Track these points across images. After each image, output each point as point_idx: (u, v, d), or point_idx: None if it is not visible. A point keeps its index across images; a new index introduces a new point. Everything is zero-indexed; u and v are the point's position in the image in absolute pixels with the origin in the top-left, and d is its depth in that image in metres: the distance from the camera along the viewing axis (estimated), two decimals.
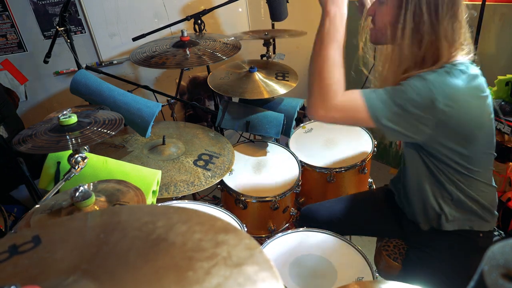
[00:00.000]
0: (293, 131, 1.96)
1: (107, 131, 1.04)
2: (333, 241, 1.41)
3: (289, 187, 1.66)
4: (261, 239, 1.68)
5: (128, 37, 2.11)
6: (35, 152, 0.97)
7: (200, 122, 2.77)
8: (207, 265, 0.47)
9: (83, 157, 1.05)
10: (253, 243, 0.51)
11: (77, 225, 0.60)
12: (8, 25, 2.12)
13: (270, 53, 2.25)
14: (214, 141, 1.76)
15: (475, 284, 0.46)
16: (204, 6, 2.11)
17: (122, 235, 0.55)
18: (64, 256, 0.53)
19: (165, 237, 0.52)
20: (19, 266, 0.53)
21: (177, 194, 1.44)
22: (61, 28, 1.81)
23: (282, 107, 1.92)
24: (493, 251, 0.46)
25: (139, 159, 1.57)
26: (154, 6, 2.36)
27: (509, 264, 0.44)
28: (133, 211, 0.62)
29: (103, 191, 0.99)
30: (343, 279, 1.27)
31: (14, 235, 0.59)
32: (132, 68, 2.49)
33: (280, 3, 1.95)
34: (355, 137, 1.96)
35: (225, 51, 1.85)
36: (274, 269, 0.47)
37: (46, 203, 0.95)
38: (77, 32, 2.25)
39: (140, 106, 1.55)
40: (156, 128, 1.79)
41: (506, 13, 2.10)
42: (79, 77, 1.59)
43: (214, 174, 1.56)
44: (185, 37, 1.87)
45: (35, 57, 2.23)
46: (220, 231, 0.53)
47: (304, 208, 1.66)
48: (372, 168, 1.93)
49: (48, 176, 1.23)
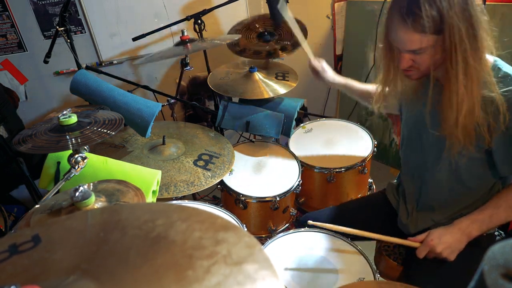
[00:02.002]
0: (293, 131, 1.96)
1: (107, 131, 1.04)
2: (334, 241, 1.41)
3: (289, 187, 1.66)
4: (261, 239, 1.68)
5: (128, 37, 2.10)
6: (35, 152, 0.97)
7: (200, 122, 2.77)
8: (207, 263, 0.47)
9: (83, 157, 1.05)
10: (253, 241, 0.51)
11: (77, 224, 0.60)
12: (8, 25, 2.12)
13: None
14: (214, 141, 1.76)
15: (475, 284, 0.46)
16: (204, 6, 2.11)
17: (122, 233, 0.55)
18: (64, 256, 0.53)
19: (165, 235, 0.52)
20: (19, 265, 0.53)
21: (177, 194, 1.44)
22: (61, 28, 1.81)
23: (282, 107, 1.92)
24: (493, 251, 0.46)
25: (139, 159, 1.57)
26: (154, 6, 2.35)
27: (509, 264, 0.44)
28: (132, 209, 0.62)
29: (103, 191, 0.99)
30: (344, 279, 1.27)
31: (14, 235, 0.59)
32: (132, 68, 2.49)
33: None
34: (355, 137, 1.96)
35: None
36: (274, 267, 0.47)
37: (46, 203, 0.95)
38: (77, 32, 2.25)
39: (140, 106, 1.55)
40: (156, 128, 1.79)
41: (506, 13, 2.09)
42: (79, 77, 1.59)
43: (214, 174, 1.56)
44: (185, 36, 1.87)
45: (35, 57, 2.23)
46: (220, 229, 0.53)
47: (303, 217, 1.66)
48: (372, 168, 1.93)
49: (48, 176, 1.23)
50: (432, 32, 1.04)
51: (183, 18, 2.09)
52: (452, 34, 1.02)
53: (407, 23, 1.05)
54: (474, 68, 1.06)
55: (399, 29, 1.08)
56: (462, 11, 1.01)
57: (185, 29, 1.89)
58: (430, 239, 1.24)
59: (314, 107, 2.99)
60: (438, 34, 1.04)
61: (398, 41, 1.12)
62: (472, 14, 1.02)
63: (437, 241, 1.22)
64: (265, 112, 1.86)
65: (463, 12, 1.01)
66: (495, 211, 1.19)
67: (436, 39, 1.05)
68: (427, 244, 1.24)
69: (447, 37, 1.03)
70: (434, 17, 1.01)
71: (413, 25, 1.04)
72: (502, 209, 1.19)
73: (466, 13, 1.02)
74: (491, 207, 1.20)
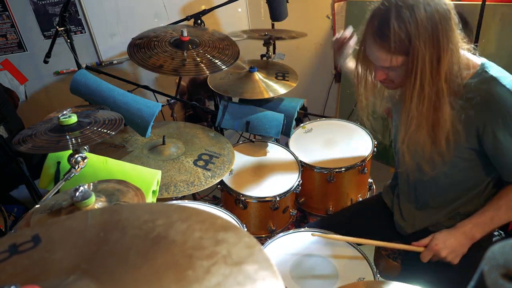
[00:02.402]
0: (293, 131, 1.96)
1: (107, 131, 1.04)
2: (334, 242, 1.40)
3: (289, 187, 1.66)
4: (261, 239, 1.68)
5: (128, 37, 2.10)
6: (35, 152, 0.98)
7: (200, 122, 2.77)
8: (207, 263, 0.47)
9: (83, 157, 1.05)
10: (252, 241, 0.51)
11: (77, 224, 0.60)
12: (8, 25, 2.12)
13: (270, 53, 2.25)
14: (214, 141, 1.76)
15: (475, 284, 0.46)
16: (204, 6, 2.11)
17: (122, 233, 0.55)
18: (64, 256, 0.53)
19: (165, 235, 0.52)
20: (19, 265, 0.53)
21: (177, 194, 1.44)
22: (61, 28, 1.81)
23: (282, 107, 1.92)
24: (493, 251, 0.46)
25: (139, 159, 1.57)
26: (154, 6, 2.35)
27: (509, 264, 0.44)
28: (132, 209, 0.62)
29: (103, 191, 0.99)
30: (344, 279, 1.27)
31: (14, 235, 0.59)
32: (132, 68, 2.49)
33: (280, 3, 1.95)
34: (355, 137, 1.96)
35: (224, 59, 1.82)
36: (274, 267, 0.47)
37: (46, 203, 0.95)
38: (77, 32, 2.25)
39: (140, 106, 1.55)
40: (156, 128, 1.79)
41: (506, 13, 2.10)
42: (79, 77, 1.59)
43: (214, 174, 1.56)
44: (185, 37, 1.86)
45: (35, 57, 2.22)
46: (220, 229, 0.53)
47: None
48: (372, 168, 1.93)
49: (48, 176, 1.23)
50: (401, 53, 1.07)
51: (183, 18, 2.09)
52: (415, 58, 1.05)
53: (377, 42, 1.09)
54: (428, 93, 1.08)
55: (372, 46, 1.13)
56: (430, 37, 1.03)
57: (184, 29, 1.88)
58: (434, 243, 1.24)
59: (314, 107, 2.99)
60: (405, 55, 1.07)
61: (372, 56, 1.16)
62: (440, 39, 1.04)
63: (442, 246, 1.22)
64: (265, 112, 1.86)
65: (431, 38, 1.03)
66: (496, 212, 1.19)
67: (405, 59, 1.08)
68: (431, 248, 1.24)
69: (410, 60, 1.06)
70: (402, 39, 1.04)
71: (382, 44, 1.08)
72: (503, 210, 1.19)
73: (433, 39, 1.03)
74: (492, 209, 1.20)
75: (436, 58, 1.05)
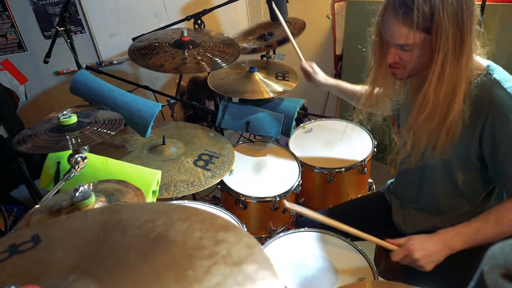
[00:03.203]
0: (293, 131, 1.96)
1: (107, 131, 1.04)
2: (334, 242, 1.40)
3: (289, 187, 1.66)
4: (261, 239, 1.68)
5: (128, 37, 2.10)
6: (35, 152, 0.98)
7: (200, 122, 2.77)
8: (207, 263, 0.47)
9: (83, 157, 1.05)
10: (252, 241, 0.51)
11: (77, 224, 0.60)
12: (8, 25, 2.12)
13: (270, 53, 2.25)
14: (214, 141, 1.76)
15: (475, 284, 0.46)
16: (204, 6, 2.11)
17: (122, 233, 0.55)
18: (64, 256, 0.53)
19: (165, 235, 0.52)
20: (19, 265, 0.53)
21: (177, 194, 1.44)
22: (61, 28, 1.81)
23: (282, 107, 1.92)
24: (493, 251, 0.46)
25: (139, 159, 1.57)
26: (154, 6, 2.35)
27: (509, 264, 0.44)
28: (132, 209, 0.62)
29: (103, 191, 0.99)
30: (344, 279, 1.27)
31: (14, 235, 0.59)
32: (132, 68, 2.49)
33: (280, 3, 1.95)
34: (355, 137, 1.96)
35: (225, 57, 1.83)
36: (273, 267, 0.47)
37: (46, 203, 0.95)
38: (77, 32, 2.25)
39: (140, 106, 1.55)
40: (156, 128, 1.79)
41: (506, 13, 2.10)
42: (79, 77, 1.59)
43: (214, 174, 1.56)
44: (185, 37, 1.86)
45: (35, 57, 2.22)
46: (220, 229, 0.53)
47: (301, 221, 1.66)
48: (372, 168, 1.93)
49: (48, 176, 1.23)
50: (421, 29, 1.04)
51: (183, 18, 2.08)
52: (438, 35, 1.02)
53: (398, 15, 1.05)
54: (448, 76, 1.05)
55: (390, 21, 1.08)
56: (455, 14, 1.00)
57: (185, 29, 1.89)
58: (410, 243, 1.17)
59: (314, 107, 2.99)
60: (426, 33, 1.04)
61: (388, 33, 1.12)
62: (464, 20, 1.01)
63: (418, 247, 1.16)
64: (265, 112, 1.86)
65: (455, 16, 1.00)
66: (483, 225, 1.14)
67: (424, 38, 1.05)
68: (406, 248, 1.18)
69: (433, 38, 1.03)
70: (425, 13, 1.01)
71: (404, 17, 1.04)
72: (490, 224, 1.13)
73: (458, 17, 1.01)
74: (479, 221, 1.15)
75: (460, 39, 1.02)
